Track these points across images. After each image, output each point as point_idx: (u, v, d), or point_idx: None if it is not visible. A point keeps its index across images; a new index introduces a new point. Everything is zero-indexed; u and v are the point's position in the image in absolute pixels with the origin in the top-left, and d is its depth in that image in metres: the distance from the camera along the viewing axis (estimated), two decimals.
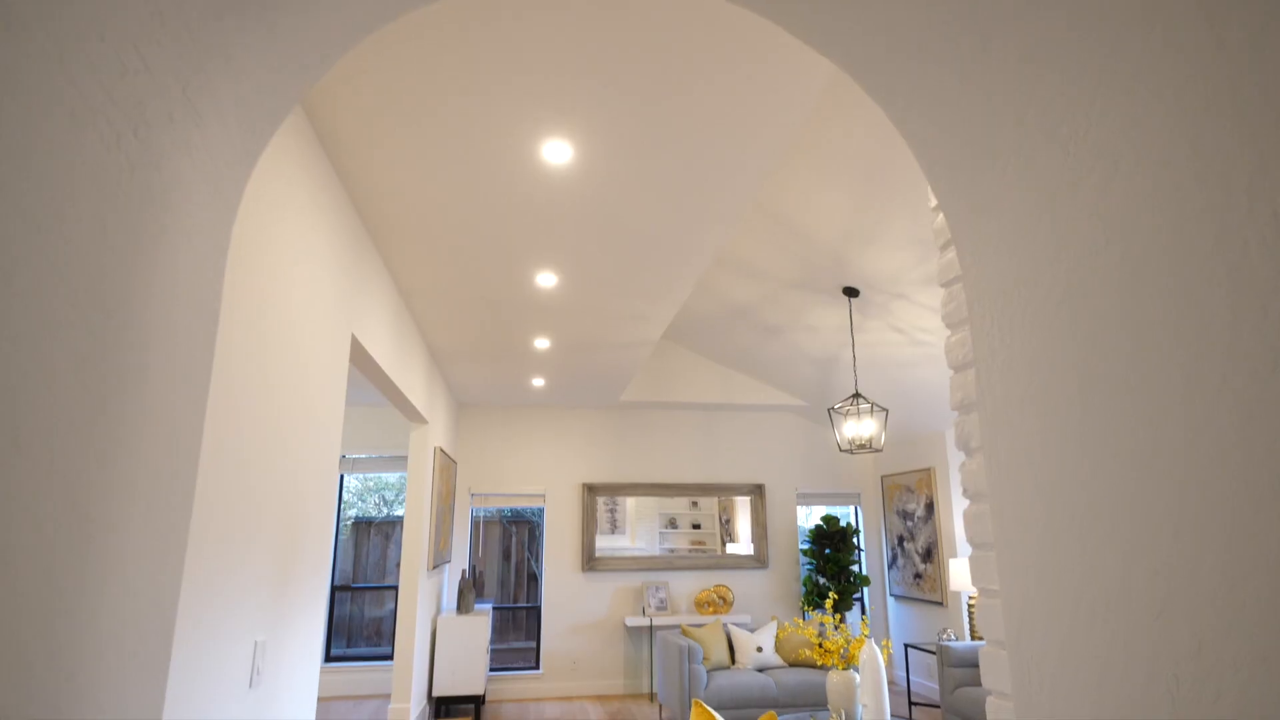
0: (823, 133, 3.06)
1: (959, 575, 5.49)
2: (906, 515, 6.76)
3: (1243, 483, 0.71)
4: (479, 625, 5.45)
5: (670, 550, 6.91)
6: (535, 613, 6.80)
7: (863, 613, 7.17)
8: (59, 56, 0.59)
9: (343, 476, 6.67)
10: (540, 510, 6.98)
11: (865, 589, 7.12)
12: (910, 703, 5.85)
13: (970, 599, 5.52)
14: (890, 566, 7.04)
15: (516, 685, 6.46)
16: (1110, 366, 0.86)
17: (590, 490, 6.86)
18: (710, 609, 6.65)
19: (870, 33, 1.15)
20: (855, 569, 6.79)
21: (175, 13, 0.80)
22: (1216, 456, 0.73)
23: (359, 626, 6.51)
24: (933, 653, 5.71)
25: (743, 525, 7.07)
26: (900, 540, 6.86)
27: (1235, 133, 0.71)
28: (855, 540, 6.82)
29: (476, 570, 6.81)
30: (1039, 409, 0.99)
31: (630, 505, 6.95)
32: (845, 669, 3.94)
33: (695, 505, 7.04)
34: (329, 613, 6.34)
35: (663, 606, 6.66)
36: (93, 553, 0.73)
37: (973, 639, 5.45)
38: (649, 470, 7.04)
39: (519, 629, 6.84)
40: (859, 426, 4.43)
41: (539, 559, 6.90)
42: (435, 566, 5.43)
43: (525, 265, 3.40)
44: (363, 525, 6.79)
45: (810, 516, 7.47)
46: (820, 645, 4.07)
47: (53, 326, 0.66)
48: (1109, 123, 0.88)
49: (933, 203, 1.36)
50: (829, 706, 3.89)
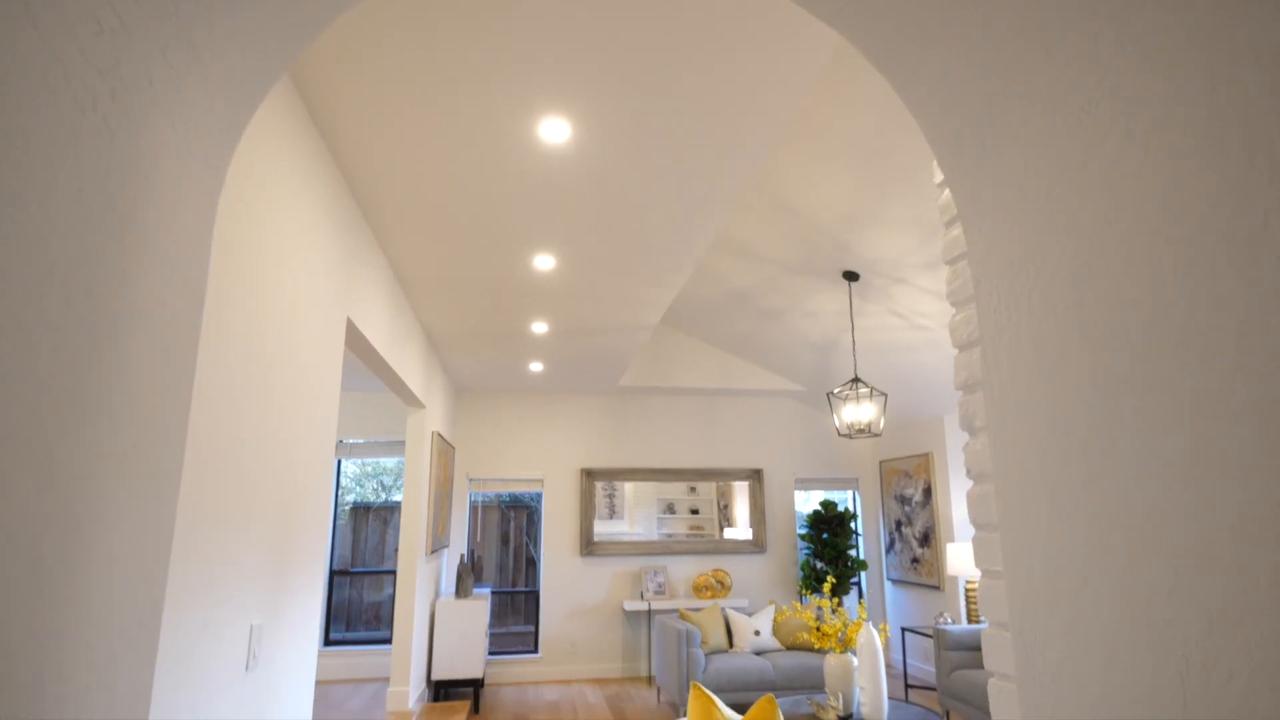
0: (823, 115, 3.02)
1: (957, 560, 5.51)
2: (904, 500, 6.77)
3: (1257, 461, 0.69)
4: (477, 609, 5.46)
5: (668, 535, 6.92)
6: (534, 597, 6.83)
7: (860, 597, 7.20)
8: (26, 8, 0.56)
9: (340, 461, 6.66)
10: (539, 495, 6.98)
11: (863, 573, 7.15)
12: (907, 685, 5.89)
13: (968, 583, 5.53)
14: (888, 551, 7.06)
15: (515, 669, 6.49)
16: (1121, 343, 0.84)
17: (589, 475, 6.85)
18: (708, 593, 6.67)
19: (876, 2, 1.11)
20: (853, 553, 6.81)
21: None
22: (1230, 434, 0.71)
23: (358, 611, 6.53)
24: (930, 636, 5.74)
25: (741, 510, 7.08)
26: (898, 525, 6.88)
27: (1257, 98, 0.69)
28: (853, 525, 6.84)
29: (475, 555, 6.82)
30: (1046, 387, 0.97)
31: (629, 490, 6.95)
32: (843, 652, 3.95)
33: (693, 490, 7.05)
34: (327, 597, 6.35)
35: (661, 591, 6.68)
36: (74, 538, 0.71)
37: (970, 623, 5.47)
38: (647, 455, 7.04)
39: (518, 613, 6.87)
40: (858, 411, 4.41)
41: (537, 544, 6.91)
42: (434, 551, 5.44)
43: (523, 248, 3.37)
44: (361, 510, 6.79)
45: (808, 501, 7.49)
46: (818, 629, 4.08)
47: (28, 300, 0.64)
48: (1124, 91, 0.85)
49: (938, 178, 1.33)
50: (826, 689, 3.90)
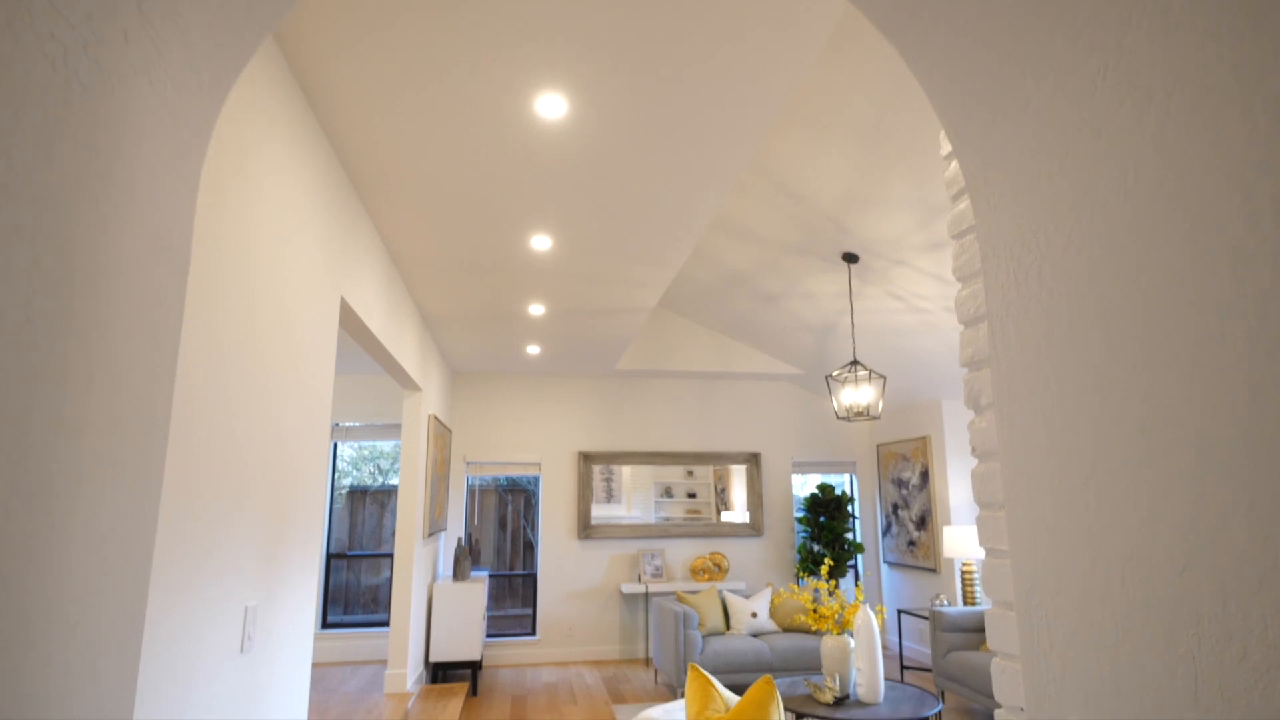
0: (824, 93, 2.97)
1: (953, 542, 5.52)
2: (901, 483, 6.79)
3: (1274, 435, 0.67)
4: (475, 592, 5.47)
5: (665, 519, 6.93)
6: (531, 580, 6.84)
7: (856, 580, 7.24)
8: None
9: (336, 445, 6.64)
10: (536, 479, 6.98)
11: (859, 556, 7.18)
12: (902, 667, 5.93)
13: (964, 566, 5.56)
14: (884, 534, 7.09)
15: (513, 651, 6.52)
16: (1135, 314, 0.81)
17: (586, 459, 6.85)
18: (705, 576, 6.69)
19: None
20: (850, 536, 6.83)
21: None
22: (1247, 407, 0.69)
23: (356, 594, 6.54)
24: (925, 618, 5.77)
25: (738, 494, 7.09)
26: (895, 508, 6.89)
27: None
28: (850, 508, 6.86)
29: (472, 538, 6.83)
30: (1055, 361, 0.94)
31: (626, 474, 6.95)
32: (840, 634, 3.97)
33: (691, 474, 7.05)
34: (325, 580, 6.35)
35: (658, 574, 6.70)
36: (51, 513, 0.68)
37: (965, 605, 5.50)
38: (645, 439, 7.03)
39: (515, 596, 6.89)
40: (856, 393, 4.40)
41: (535, 527, 6.92)
42: (431, 534, 5.44)
43: (519, 228, 3.33)
44: (358, 494, 6.78)
45: (805, 485, 7.50)
46: (815, 611, 4.09)
47: None
48: (1141, 52, 0.82)
49: (945, 150, 1.30)
50: (823, 670, 3.92)
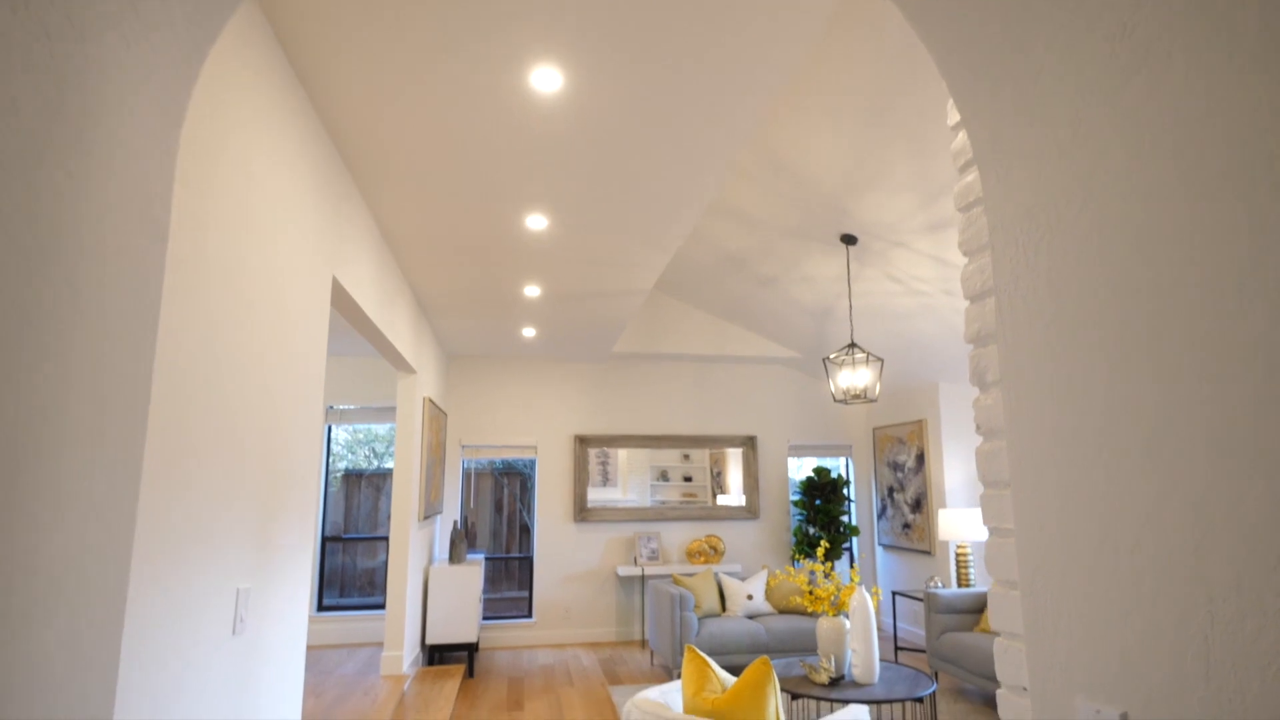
0: (824, 72, 2.92)
1: (948, 525, 5.54)
2: (897, 467, 6.80)
3: None
4: (471, 575, 5.47)
5: (661, 502, 6.94)
6: (528, 563, 6.85)
7: (851, 562, 7.27)
8: None
9: (330, 428, 6.61)
10: (532, 462, 6.97)
11: (854, 539, 7.21)
12: (896, 648, 5.97)
13: (958, 548, 5.58)
14: (879, 517, 7.11)
15: (510, 633, 6.54)
16: (1148, 288, 0.79)
17: (582, 442, 6.84)
18: (701, 558, 6.71)
19: None
20: (845, 519, 6.85)
21: None
22: (1264, 385, 0.67)
23: (351, 577, 6.54)
24: (920, 600, 5.80)
25: (734, 477, 7.10)
26: (890, 491, 6.91)
27: None
28: (845, 491, 6.87)
29: (468, 521, 6.83)
30: (1065, 337, 0.92)
31: (622, 458, 6.94)
32: (835, 615, 3.98)
33: (687, 458, 7.05)
34: (320, 564, 6.35)
35: (654, 556, 6.72)
36: (16, 488, 0.65)
37: (959, 587, 5.53)
38: (641, 422, 7.02)
39: (511, 579, 6.90)
40: (854, 376, 4.38)
41: (531, 510, 6.92)
42: (426, 518, 5.43)
43: (514, 206, 3.28)
44: (353, 477, 6.76)
45: (801, 468, 7.51)
46: (811, 592, 4.10)
47: None
48: (1160, 15, 0.78)
49: (952, 120, 1.26)
50: (818, 651, 3.93)
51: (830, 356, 4.56)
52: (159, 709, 1.42)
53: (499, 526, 6.98)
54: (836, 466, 7.49)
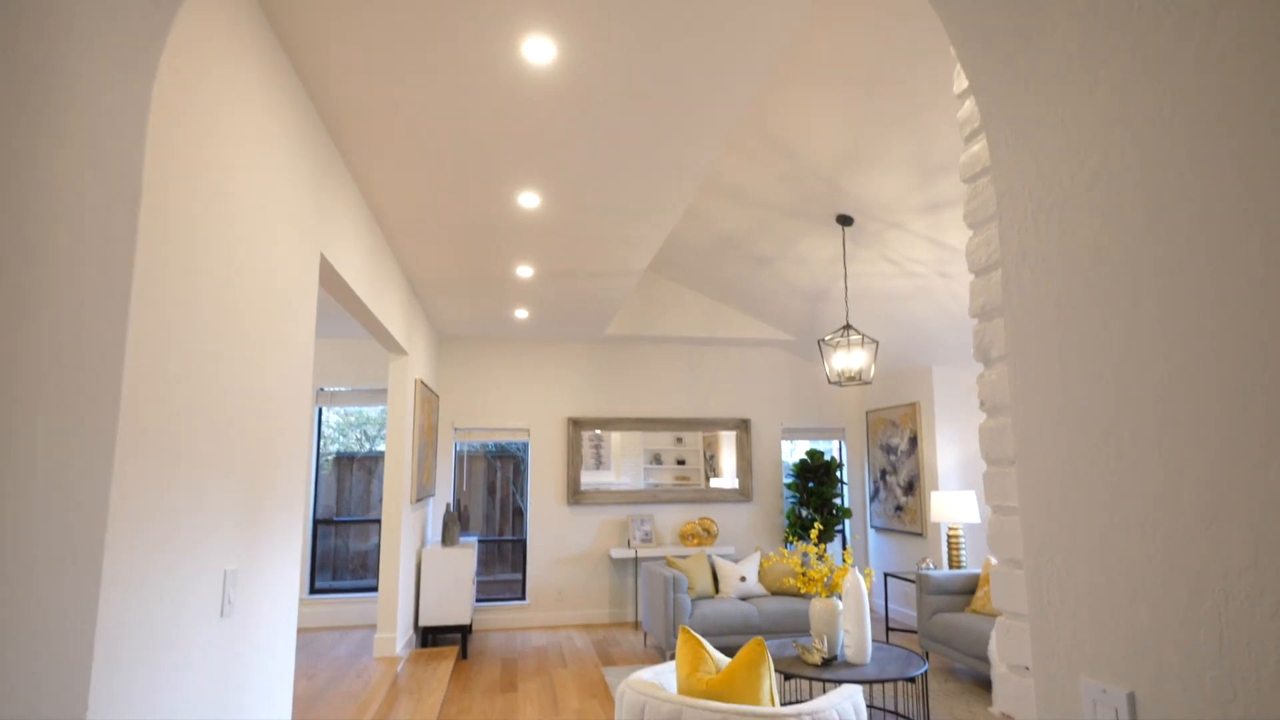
0: (822, 48, 2.87)
1: (940, 507, 5.56)
2: (890, 449, 6.81)
3: None
4: (464, 557, 5.46)
5: (655, 485, 6.94)
6: (521, 545, 6.85)
7: (844, 544, 7.30)
8: None
9: (321, 410, 6.56)
10: (525, 445, 6.94)
11: (847, 521, 7.23)
12: (888, 628, 6.01)
13: (950, 530, 5.60)
14: (872, 499, 7.14)
15: (503, 615, 6.55)
16: (1167, 256, 0.76)
17: (575, 424, 6.81)
18: (695, 541, 6.73)
19: None
20: (838, 502, 6.87)
21: None
22: None
23: (344, 560, 6.52)
24: (911, 581, 5.84)
25: (727, 460, 7.10)
26: (883, 474, 6.93)
27: None
28: (839, 474, 6.88)
29: (461, 504, 6.81)
30: (1075, 309, 0.89)
31: (615, 440, 6.93)
32: (828, 597, 3.99)
33: (680, 441, 7.04)
34: (312, 546, 6.33)
35: (648, 539, 6.73)
36: None
37: (951, 568, 5.56)
38: (634, 405, 7.00)
39: (505, 561, 6.90)
40: (849, 358, 4.36)
41: (524, 493, 6.91)
42: (419, 500, 5.40)
43: (506, 183, 3.22)
44: (344, 460, 6.72)
45: (795, 451, 7.52)
46: (804, 574, 4.10)
47: None
48: None
49: (959, 87, 1.23)
50: (811, 632, 3.95)
51: (825, 338, 4.54)
52: (143, 689, 1.39)
53: (492, 509, 6.97)
54: (829, 449, 7.50)
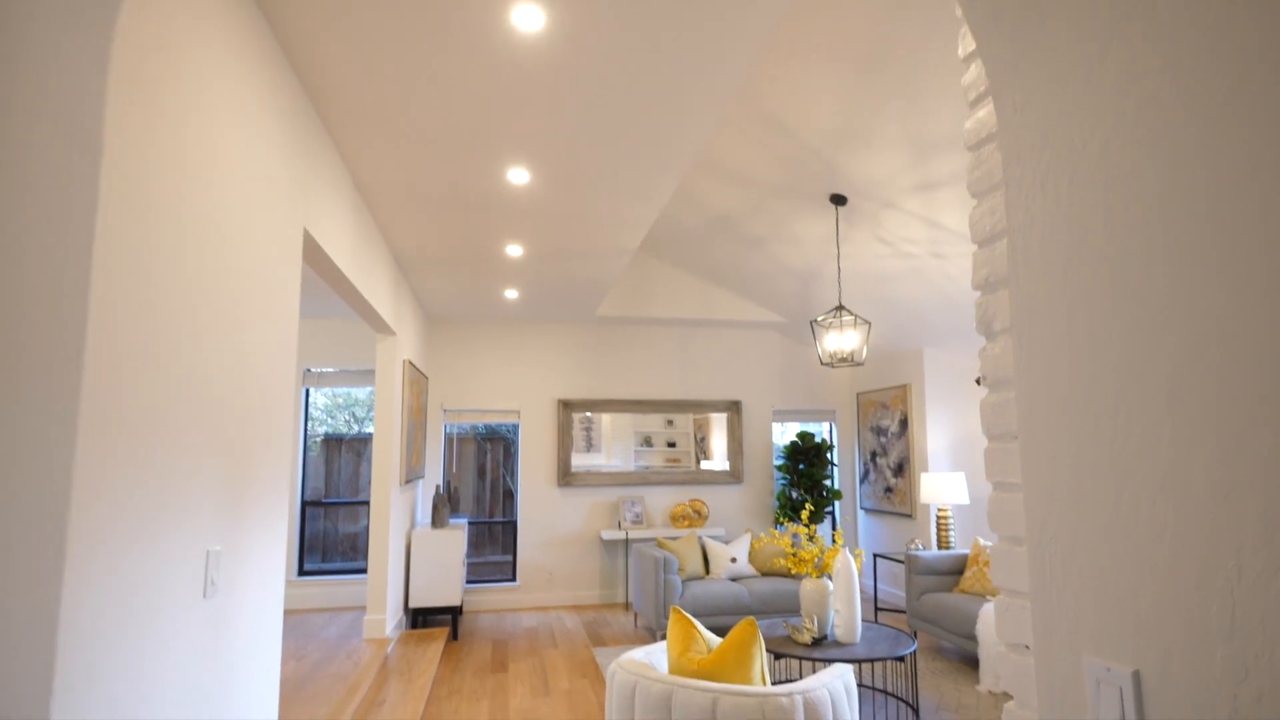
0: (818, 21, 2.81)
1: (930, 488, 5.58)
2: (880, 431, 6.82)
3: None
4: (454, 539, 5.44)
5: (645, 467, 6.93)
6: (511, 527, 6.84)
7: (834, 526, 7.34)
8: None
9: (309, 391, 6.49)
10: (515, 427, 6.90)
11: (836, 503, 7.26)
12: (876, 608, 6.06)
13: (939, 510, 5.63)
14: (862, 481, 7.16)
15: (494, 596, 6.55)
16: (1187, 219, 0.72)
17: (566, 406, 6.78)
18: (685, 522, 6.73)
19: None
20: (828, 484, 6.89)
21: None
22: None
23: (333, 542, 6.49)
24: (900, 562, 5.87)
25: (718, 442, 7.09)
26: (873, 455, 6.95)
27: None
28: (829, 456, 6.90)
29: (451, 486, 6.78)
30: (1085, 278, 0.85)
31: (606, 423, 6.90)
32: (819, 577, 3.99)
33: (670, 423, 7.02)
34: (300, 528, 6.29)
35: (638, 520, 6.73)
36: None
37: (940, 549, 5.59)
38: (625, 387, 6.97)
39: (495, 543, 6.89)
40: (841, 339, 4.34)
41: (514, 475, 6.88)
42: (408, 482, 5.37)
43: (495, 158, 3.16)
44: (333, 442, 6.67)
45: (785, 433, 7.52)
46: (795, 555, 4.11)
47: None
48: None
49: (964, 50, 1.18)
50: (802, 612, 3.96)
51: (818, 319, 4.51)
52: (119, 668, 1.35)
53: (482, 491, 6.94)
54: (820, 431, 7.51)
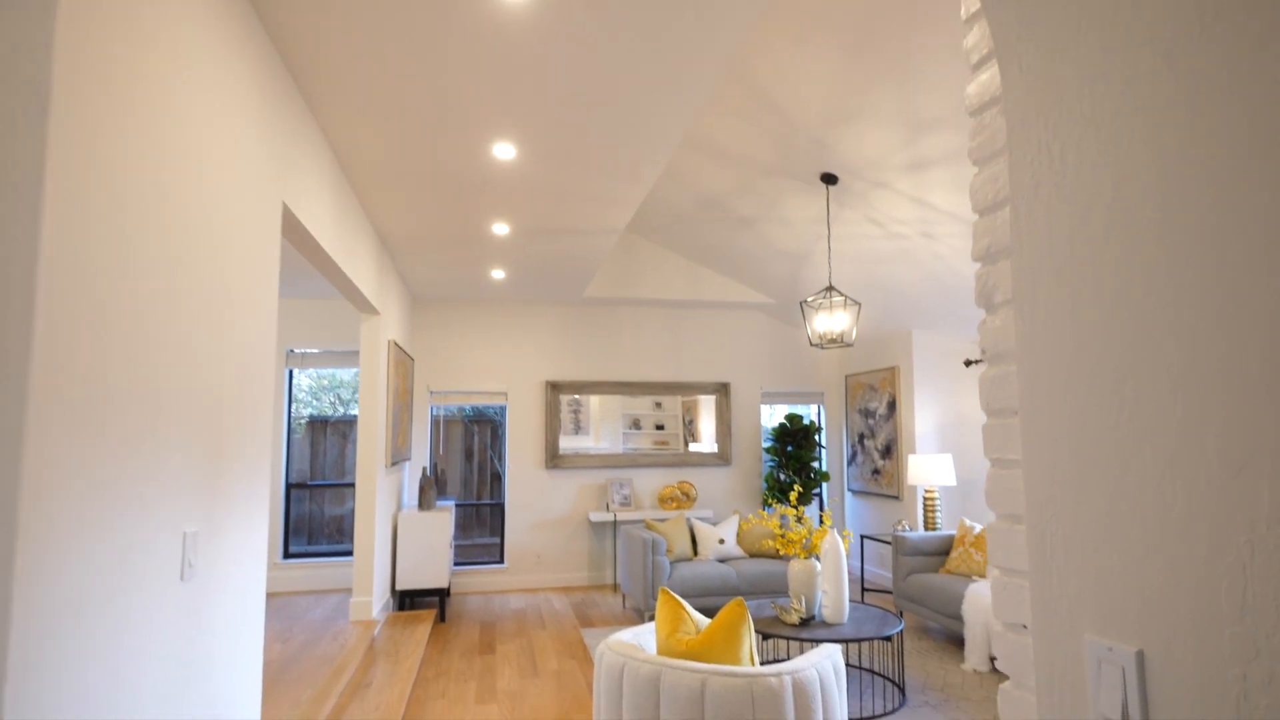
0: None
1: (917, 470, 5.60)
2: (868, 413, 6.84)
3: None
4: (441, 521, 5.41)
5: (634, 450, 6.91)
6: (499, 510, 6.82)
7: (821, 507, 7.37)
8: None
9: (293, 372, 6.40)
10: (502, 409, 6.86)
11: (824, 485, 7.29)
12: (863, 589, 6.10)
13: (926, 492, 5.66)
14: (850, 463, 7.18)
15: (481, 579, 6.54)
16: (1206, 181, 0.69)
17: (554, 388, 6.74)
18: (673, 504, 6.73)
19: None
20: (816, 466, 6.90)
21: None
22: None
23: (319, 524, 6.44)
24: (887, 543, 5.91)
25: (706, 424, 7.08)
26: (861, 438, 6.97)
27: None
28: (817, 438, 6.91)
29: (438, 468, 6.74)
30: (1093, 245, 0.82)
31: (594, 405, 6.87)
32: (807, 558, 4.00)
33: (659, 406, 7.00)
34: (286, 511, 6.23)
35: (626, 502, 6.72)
36: None
37: (926, 530, 5.62)
38: (613, 368, 6.93)
39: (483, 525, 6.87)
40: (831, 320, 4.32)
41: (502, 457, 6.84)
42: (394, 464, 5.32)
43: (480, 132, 3.08)
44: (318, 424, 6.59)
45: (774, 415, 7.52)
46: (783, 536, 4.11)
47: None
48: None
49: (966, 12, 1.14)
50: (790, 593, 3.96)
51: (807, 299, 4.48)
52: (87, 650, 1.31)
53: (469, 474, 6.91)
54: (808, 413, 7.52)
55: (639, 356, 7.00)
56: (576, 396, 6.83)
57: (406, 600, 5.50)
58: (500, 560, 6.67)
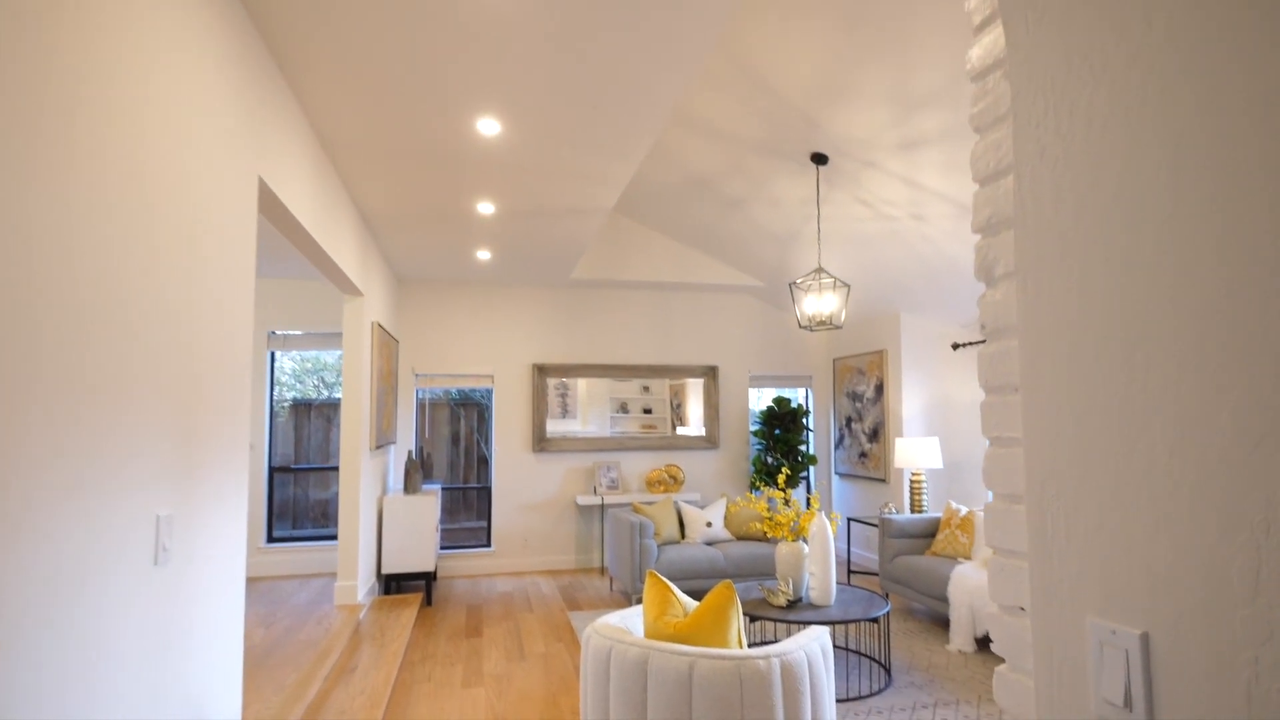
0: None
1: (904, 453, 5.61)
2: (856, 397, 6.84)
3: None
4: (427, 505, 5.36)
5: (621, 433, 6.88)
6: (486, 493, 6.78)
7: (809, 490, 7.39)
8: None
9: (275, 355, 6.30)
10: (489, 391, 6.80)
11: (811, 468, 7.30)
12: (849, 571, 6.13)
13: (913, 475, 5.68)
14: (837, 446, 7.20)
15: (468, 562, 6.51)
16: (1216, 146, 0.65)
17: (540, 371, 6.68)
18: (661, 488, 6.72)
19: None
20: (804, 449, 6.91)
21: None
22: None
23: (304, 508, 6.37)
24: (874, 525, 5.93)
25: (694, 408, 7.06)
26: (848, 421, 6.97)
27: None
28: (805, 421, 6.91)
29: (424, 451, 6.68)
30: (1102, 212, 0.78)
31: (581, 388, 6.82)
32: (794, 541, 3.99)
33: (646, 389, 6.96)
34: (269, 495, 6.16)
35: (614, 486, 6.70)
36: None
37: (912, 512, 5.65)
38: (601, 351, 6.88)
39: (470, 509, 6.83)
40: (820, 302, 4.28)
41: (489, 441, 6.79)
42: (378, 447, 5.25)
43: (464, 106, 3.00)
44: (302, 407, 6.51)
45: (761, 398, 7.51)
46: (771, 518, 4.10)
47: None
48: None
49: None
50: (777, 575, 3.96)
51: (797, 281, 4.45)
52: (58, 638, 1.26)
53: (456, 457, 6.86)
54: (796, 397, 7.52)
55: (626, 340, 6.95)
56: (564, 380, 6.78)
57: (393, 584, 5.47)
58: (487, 544, 6.64)
